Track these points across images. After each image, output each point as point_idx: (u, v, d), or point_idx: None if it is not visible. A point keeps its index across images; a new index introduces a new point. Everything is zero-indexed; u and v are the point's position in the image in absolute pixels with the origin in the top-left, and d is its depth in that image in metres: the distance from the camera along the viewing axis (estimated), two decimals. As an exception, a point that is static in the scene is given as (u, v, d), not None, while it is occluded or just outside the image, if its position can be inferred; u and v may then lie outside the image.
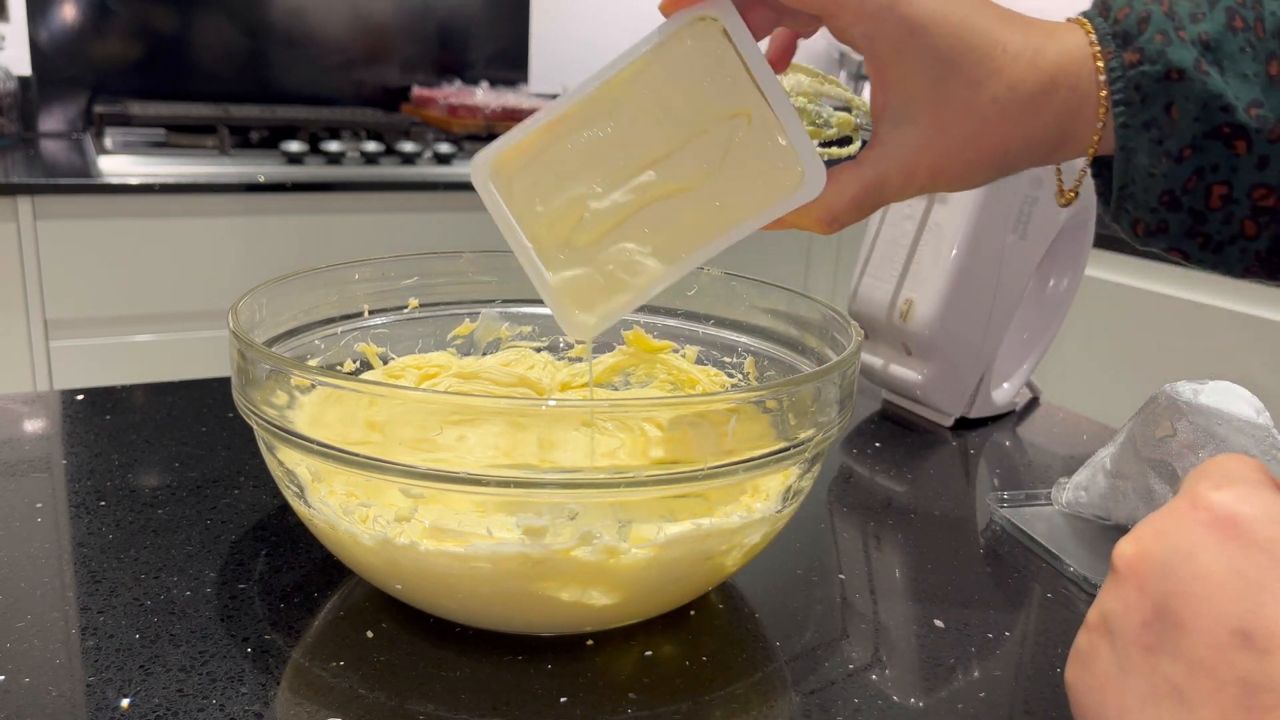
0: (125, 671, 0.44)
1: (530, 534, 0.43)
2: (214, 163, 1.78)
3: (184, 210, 1.69)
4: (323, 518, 0.47)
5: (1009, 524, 0.63)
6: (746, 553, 0.49)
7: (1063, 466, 0.75)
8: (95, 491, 0.61)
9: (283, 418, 0.46)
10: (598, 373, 0.66)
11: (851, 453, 0.75)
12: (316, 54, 2.22)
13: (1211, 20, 0.39)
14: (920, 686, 0.47)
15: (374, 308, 0.63)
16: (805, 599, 0.54)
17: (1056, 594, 0.56)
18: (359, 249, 1.79)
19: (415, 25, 2.30)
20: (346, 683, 0.45)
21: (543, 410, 0.44)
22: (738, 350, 0.64)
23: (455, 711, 0.43)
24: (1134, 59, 0.39)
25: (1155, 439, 0.59)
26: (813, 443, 0.47)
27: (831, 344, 0.56)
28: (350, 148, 1.89)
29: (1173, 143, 0.39)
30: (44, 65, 2.01)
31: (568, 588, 0.45)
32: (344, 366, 0.62)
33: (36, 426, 0.71)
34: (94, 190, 1.62)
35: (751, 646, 0.50)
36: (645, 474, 0.43)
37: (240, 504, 0.60)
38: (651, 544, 0.45)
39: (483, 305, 0.67)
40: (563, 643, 0.48)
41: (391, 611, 0.50)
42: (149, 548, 0.55)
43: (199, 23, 2.11)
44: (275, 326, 0.57)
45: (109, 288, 1.67)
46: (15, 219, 1.59)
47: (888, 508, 0.66)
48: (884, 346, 0.83)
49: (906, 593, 0.56)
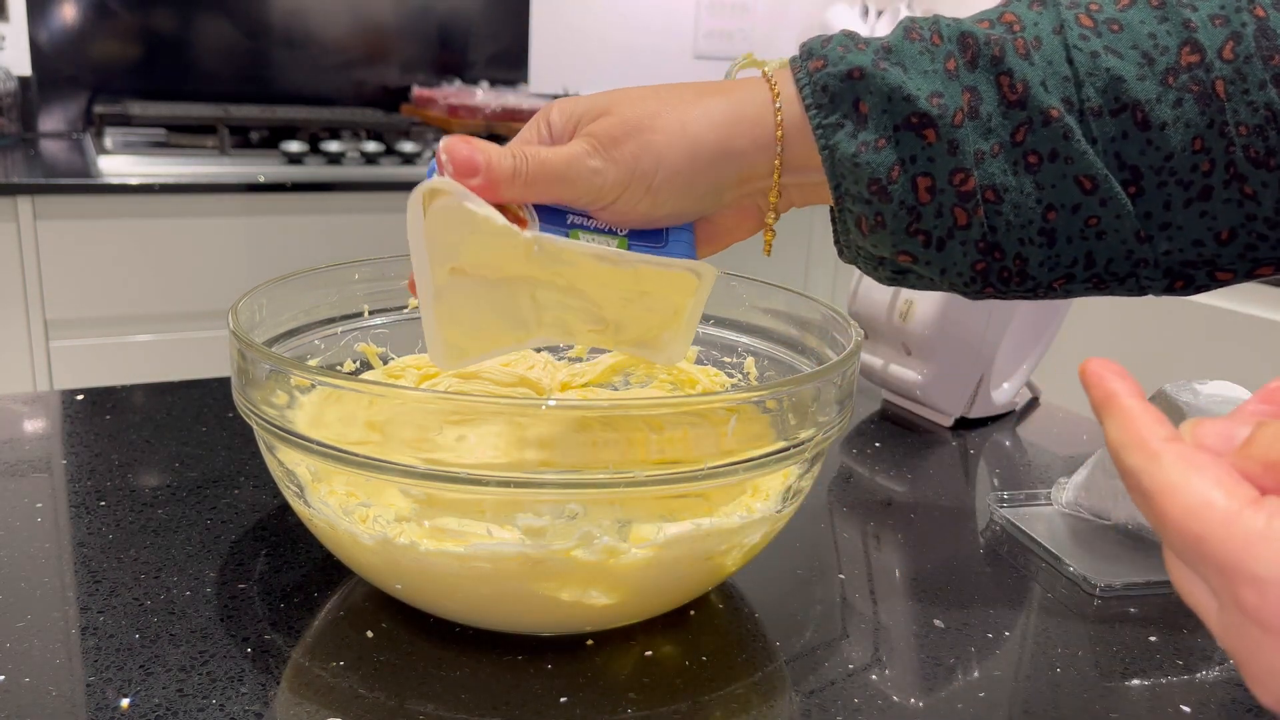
0: (125, 671, 0.44)
1: (530, 534, 0.43)
2: (214, 163, 1.78)
3: (184, 210, 1.69)
4: (323, 518, 0.47)
5: (1009, 524, 0.63)
6: (746, 553, 0.49)
7: (1063, 466, 0.75)
8: (95, 491, 0.61)
9: (283, 418, 0.46)
10: (598, 373, 0.66)
11: (851, 453, 0.75)
12: (316, 54, 2.22)
13: (890, 36, 0.44)
14: (920, 686, 0.47)
15: (374, 308, 0.63)
16: (805, 599, 0.54)
17: (1056, 594, 0.56)
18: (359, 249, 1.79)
19: (415, 25, 2.30)
20: (346, 683, 0.45)
21: (543, 410, 0.44)
22: (738, 350, 0.64)
23: (455, 711, 0.43)
24: (818, 65, 0.43)
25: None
26: (813, 443, 0.47)
27: (831, 344, 0.56)
28: (350, 148, 1.89)
29: (868, 134, 0.43)
30: (44, 65, 2.01)
31: (567, 588, 0.45)
32: (344, 366, 0.62)
33: (36, 426, 0.71)
34: (94, 190, 1.62)
35: (751, 646, 0.50)
36: (645, 474, 0.43)
37: (240, 504, 0.60)
38: (651, 544, 0.45)
39: (483, 305, 0.67)
40: (563, 643, 0.48)
41: (391, 611, 0.50)
42: (149, 548, 0.55)
43: (199, 23, 2.11)
44: (275, 326, 0.57)
45: (109, 288, 1.67)
46: (15, 219, 1.59)
47: (888, 508, 0.66)
48: (884, 346, 0.83)
49: (906, 593, 0.56)
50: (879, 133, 0.43)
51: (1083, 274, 0.45)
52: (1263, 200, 0.42)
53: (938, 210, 0.43)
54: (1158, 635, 0.53)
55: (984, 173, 0.43)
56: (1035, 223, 0.43)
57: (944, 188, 0.43)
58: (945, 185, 0.43)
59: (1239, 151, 0.41)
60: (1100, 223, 0.43)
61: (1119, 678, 0.49)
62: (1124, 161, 0.42)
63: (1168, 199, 0.42)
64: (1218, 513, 0.26)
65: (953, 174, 0.43)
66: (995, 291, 0.46)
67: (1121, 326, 1.73)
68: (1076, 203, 0.43)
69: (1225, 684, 0.49)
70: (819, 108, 0.43)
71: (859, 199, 0.44)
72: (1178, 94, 0.41)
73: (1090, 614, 0.54)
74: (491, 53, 2.38)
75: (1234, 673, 0.50)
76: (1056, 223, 0.43)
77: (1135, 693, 0.48)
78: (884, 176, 0.43)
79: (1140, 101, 0.41)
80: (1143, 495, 0.28)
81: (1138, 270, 0.44)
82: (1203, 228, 0.43)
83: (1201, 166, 0.42)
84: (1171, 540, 0.27)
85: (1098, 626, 0.53)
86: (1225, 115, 0.41)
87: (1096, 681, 0.48)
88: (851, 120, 0.43)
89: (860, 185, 0.44)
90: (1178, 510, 0.27)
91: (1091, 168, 0.42)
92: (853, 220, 0.45)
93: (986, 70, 0.42)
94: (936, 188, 0.43)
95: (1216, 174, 0.42)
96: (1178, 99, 0.41)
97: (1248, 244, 0.43)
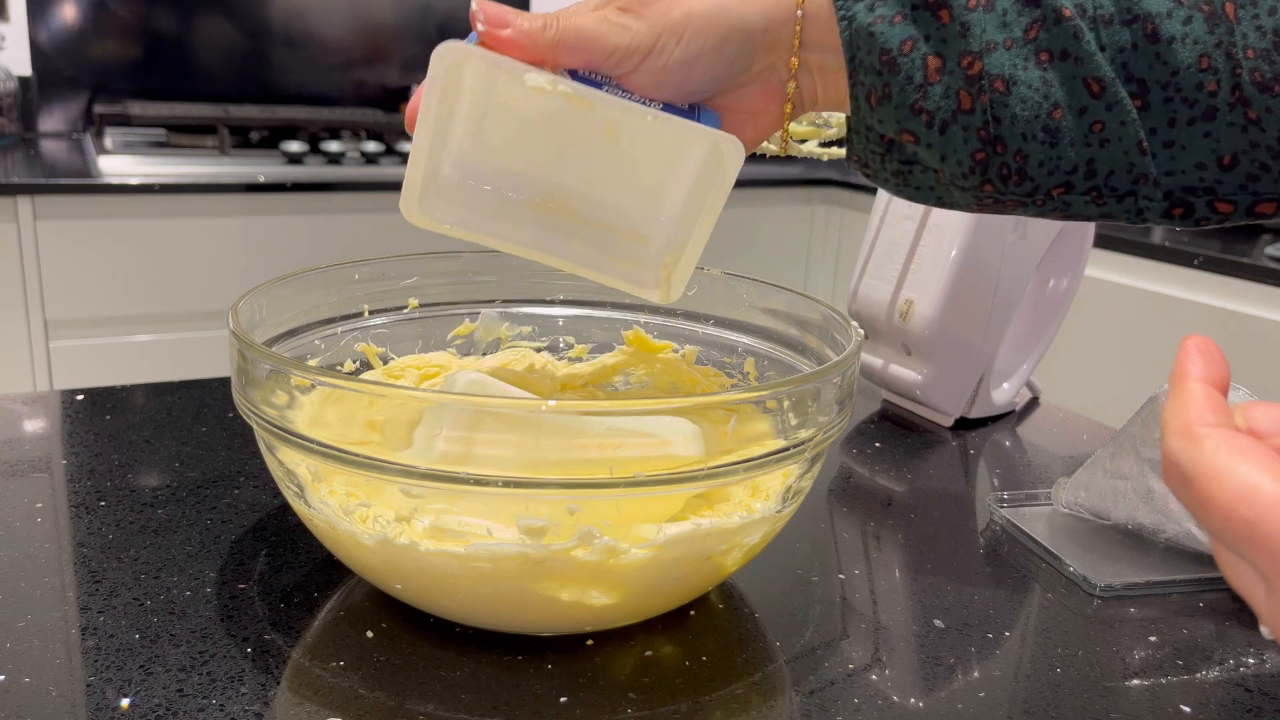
0: (125, 671, 0.44)
1: (530, 534, 0.43)
2: (214, 163, 1.78)
3: (184, 210, 1.69)
4: (323, 518, 0.47)
5: (1009, 524, 0.63)
6: (746, 553, 0.49)
7: (1063, 466, 0.75)
8: (95, 491, 0.61)
9: (283, 418, 0.46)
10: (598, 373, 0.66)
11: (851, 453, 0.75)
12: (316, 54, 2.22)
13: None
14: (920, 686, 0.47)
15: (374, 308, 0.63)
16: (805, 599, 0.54)
17: (1056, 594, 0.56)
18: (359, 249, 1.79)
19: (415, 25, 2.30)
20: (346, 683, 0.45)
21: (543, 410, 0.44)
22: (738, 350, 0.64)
23: (455, 711, 0.43)
24: None
25: (1155, 439, 0.59)
26: (813, 443, 0.47)
27: (831, 344, 0.56)
28: (350, 148, 1.89)
29: (885, 9, 0.44)
30: (44, 65, 2.01)
31: (567, 588, 0.45)
32: (344, 366, 0.62)
33: (36, 426, 0.71)
34: (94, 190, 1.62)
35: (751, 646, 0.50)
36: (645, 474, 0.43)
37: (240, 504, 0.60)
38: (651, 544, 0.45)
39: (483, 305, 0.67)
40: (563, 643, 0.48)
41: (391, 611, 0.50)
42: (149, 548, 0.55)
43: (199, 23, 2.11)
44: (275, 326, 0.57)
45: (109, 288, 1.67)
46: (15, 219, 1.59)
47: (888, 508, 0.66)
48: (884, 346, 0.83)
49: (906, 593, 0.56)
50: (896, 9, 0.44)
51: (1082, 183, 0.45)
52: (1266, 127, 0.42)
53: (944, 90, 0.44)
54: (1158, 635, 0.53)
55: (993, 61, 0.43)
56: (1040, 119, 0.44)
57: (952, 69, 0.44)
58: (954, 67, 0.44)
59: (1245, 74, 0.42)
60: (1104, 129, 0.43)
61: (1119, 678, 0.49)
62: (1131, 73, 0.43)
63: (1172, 115, 0.43)
64: (1265, 496, 0.26)
65: (961, 56, 0.43)
66: (994, 191, 0.46)
67: (1122, 326, 1.73)
68: (1083, 105, 0.43)
69: (1225, 684, 0.49)
70: None
71: (870, 69, 0.45)
72: (1188, 11, 0.42)
73: (1090, 614, 0.54)
74: (491, 53, 2.38)
75: (1234, 673, 0.50)
76: (1061, 122, 0.44)
77: (1135, 693, 0.48)
78: (895, 49, 0.44)
79: (1151, 14, 0.42)
80: (1183, 480, 0.28)
81: (1137, 187, 0.45)
82: (1206, 149, 0.43)
83: (1207, 86, 0.42)
84: (1216, 525, 0.27)
85: (1098, 626, 0.53)
86: (1234, 37, 0.41)
87: (1096, 681, 0.48)
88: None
89: (873, 56, 0.45)
90: (1224, 495, 0.26)
91: (1099, 69, 0.42)
92: (863, 93, 0.46)
93: None
94: (945, 69, 0.44)
95: (1221, 95, 0.42)
96: (1188, 16, 0.42)
97: (1249, 173, 0.43)
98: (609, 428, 0.44)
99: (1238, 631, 0.53)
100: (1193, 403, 0.29)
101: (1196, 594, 0.57)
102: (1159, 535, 0.60)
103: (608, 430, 0.44)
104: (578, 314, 0.68)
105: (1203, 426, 0.28)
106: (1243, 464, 0.27)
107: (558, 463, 0.42)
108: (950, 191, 0.47)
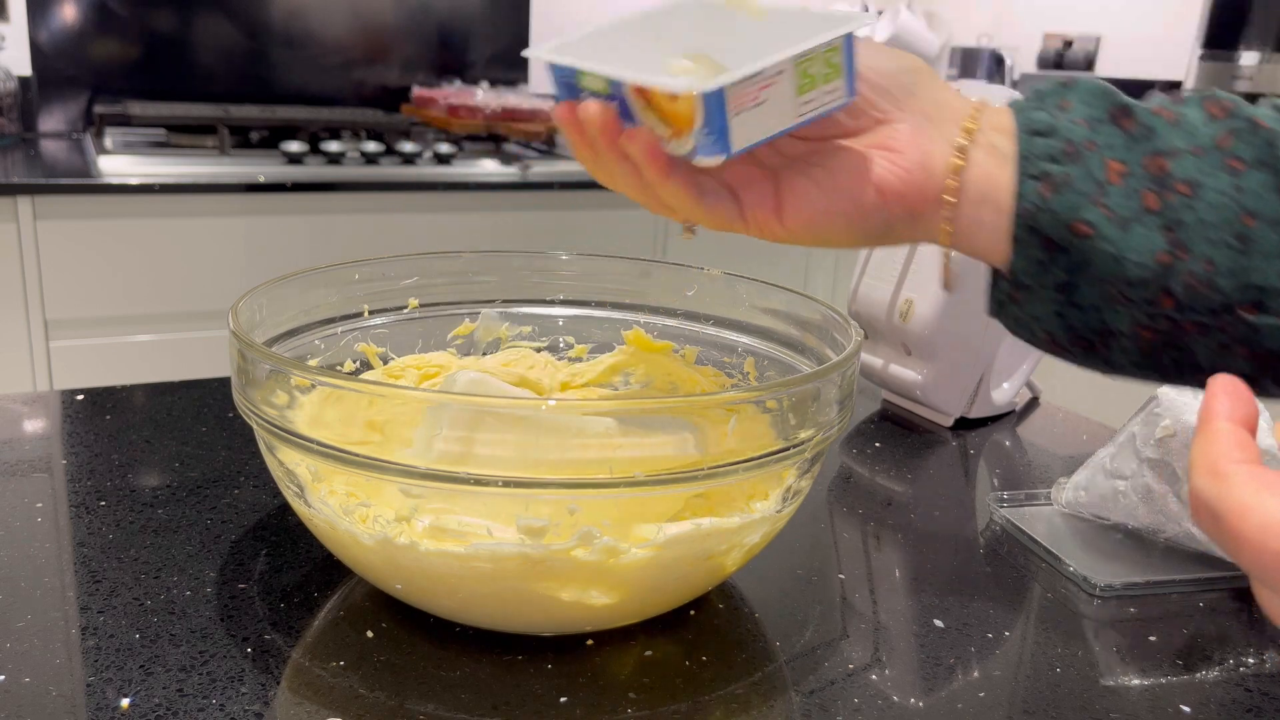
0: (125, 671, 0.44)
1: (530, 534, 0.43)
2: (214, 163, 1.78)
3: (184, 210, 1.69)
4: (323, 518, 0.47)
5: (1009, 524, 0.63)
6: (746, 553, 0.49)
7: (1063, 466, 0.75)
8: (95, 491, 0.61)
9: (283, 418, 0.46)
10: (598, 373, 0.66)
11: (851, 453, 0.75)
12: (316, 54, 2.22)
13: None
14: (920, 686, 0.47)
15: (374, 308, 0.63)
16: (805, 599, 0.54)
17: (1056, 594, 0.56)
18: (359, 249, 1.79)
19: (415, 25, 2.30)
20: (346, 683, 0.45)
21: (543, 410, 0.44)
22: (738, 350, 0.64)
23: (455, 711, 0.43)
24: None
25: (1155, 439, 0.59)
26: (812, 443, 0.47)
27: (831, 344, 0.56)
28: (350, 148, 1.89)
29: (1066, 115, 0.44)
30: (44, 65, 2.01)
31: (567, 587, 0.45)
32: (344, 366, 0.62)
33: (36, 426, 0.71)
34: (94, 190, 1.62)
35: (751, 646, 0.50)
36: (645, 474, 0.43)
37: (240, 504, 0.60)
38: (651, 544, 0.45)
39: (483, 305, 0.67)
40: (563, 643, 0.48)
41: (391, 611, 0.50)
42: (149, 548, 0.55)
43: (199, 23, 2.11)
44: (275, 326, 0.57)
45: (109, 288, 1.67)
46: (15, 219, 1.58)
47: (888, 508, 0.66)
48: (884, 346, 0.83)
49: (906, 593, 0.56)
50: (1081, 115, 0.43)
51: (1276, 303, 0.40)
52: None
53: (1126, 192, 0.42)
54: (1158, 635, 0.53)
55: (1180, 166, 0.41)
56: (1232, 224, 0.41)
57: (1135, 171, 0.42)
58: (1137, 169, 0.42)
59: None
60: None
61: (1119, 678, 0.49)
62: None
63: None
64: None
65: (1145, 157, 0.42)
66: (1174, 307, 0.42)
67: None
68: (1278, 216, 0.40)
69: (1225, 684, 0.49)
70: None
71: (1045, 157, 0.43)
72: None
73: (1090, 614, 0.54)
74: (491, 53, 2.38)
75: (1234, 673, 0.50)
76: (1255, 231, 0.40)
77: (1135, 693, 0.48)
78: (1079, 142, 0.43)
79: None
80: (1212, 517, 0.28)
81: None
82: None
83: None
84: (1249, 560, 0.27)
85: (1098, 626, 0.53)
86: None
87: (1096, 681, 0.48)
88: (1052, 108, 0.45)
89: (1051, 142, 0.43)
90: (1253, 529, 0.26)
91: None
92: (1034, 187, 0.43)
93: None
94: (1129, 171, 0.42)
95: None
96: None
97: None
98: (609, 428, 0.44)
99: (1238, 631, 0.53)
100: (1219, 441, 0.29)
101: (1196, 594, 0.57)
102: (1159, 535, 0.60)
103: (607, 430, 0.44)
104: (578, 314, 0.68)
105: (1230, 464, 0.28)
106: (1271, 498, 0.26)
107: (557, 463, 0.42)
108: (1116, 313, 0.43)
